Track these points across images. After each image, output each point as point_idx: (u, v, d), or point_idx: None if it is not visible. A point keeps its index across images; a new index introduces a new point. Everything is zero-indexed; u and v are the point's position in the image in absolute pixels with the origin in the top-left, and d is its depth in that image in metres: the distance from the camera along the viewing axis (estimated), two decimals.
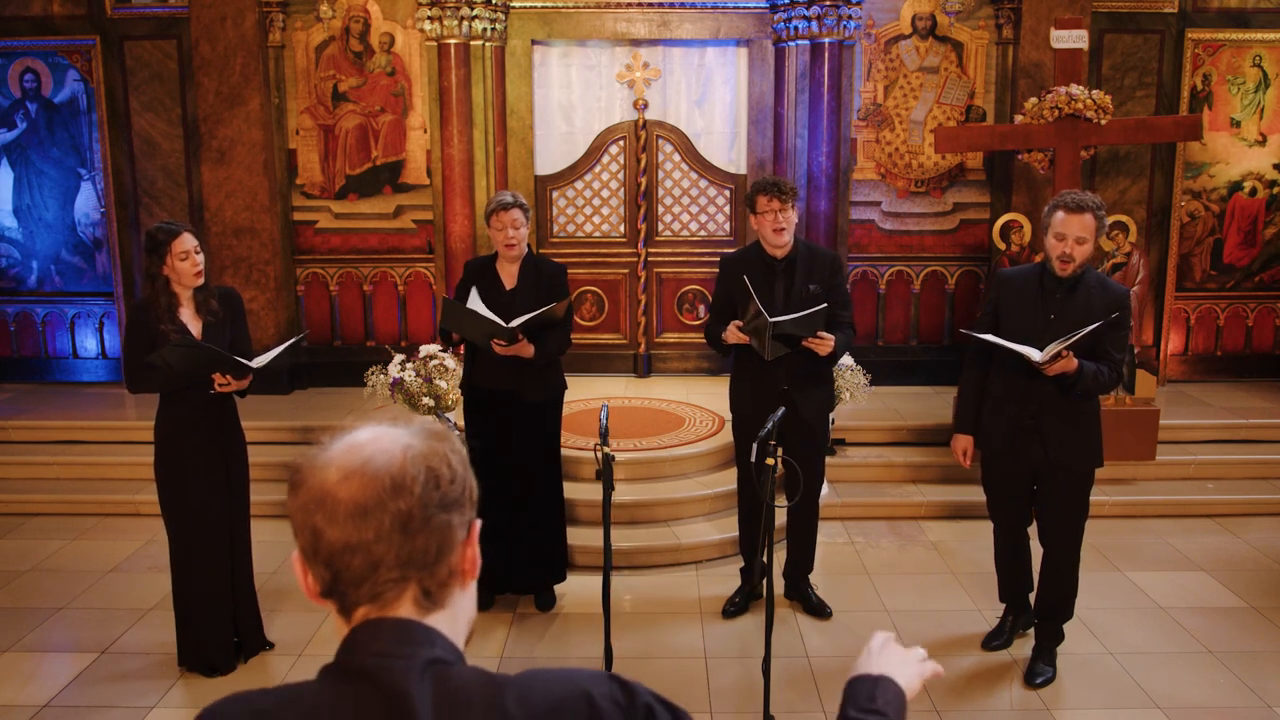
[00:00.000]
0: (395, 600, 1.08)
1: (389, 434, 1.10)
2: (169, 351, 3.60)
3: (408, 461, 1.07)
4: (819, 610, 4.44)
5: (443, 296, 4.11)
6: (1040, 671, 3.90)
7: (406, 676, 1.04)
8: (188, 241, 3.70)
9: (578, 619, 4.44)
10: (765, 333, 3.97)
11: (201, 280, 3.78)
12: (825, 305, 4.02)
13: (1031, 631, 4.10)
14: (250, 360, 3.78)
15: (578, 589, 4.61)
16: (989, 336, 3.78)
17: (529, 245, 4.35)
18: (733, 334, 4.13)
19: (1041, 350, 3.63)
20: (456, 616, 1.13)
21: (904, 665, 1.47)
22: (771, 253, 4.19)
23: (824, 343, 4.03)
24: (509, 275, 4.31)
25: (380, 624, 1.08)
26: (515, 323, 4.02)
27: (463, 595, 1.14)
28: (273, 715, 1.06)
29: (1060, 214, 3.67)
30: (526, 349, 4.13)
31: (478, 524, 1.14)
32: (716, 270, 7.15)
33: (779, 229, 4.11)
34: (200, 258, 3.74)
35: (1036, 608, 4.02)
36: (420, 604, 1.09)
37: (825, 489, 5.37)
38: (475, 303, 4.16)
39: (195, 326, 3.79)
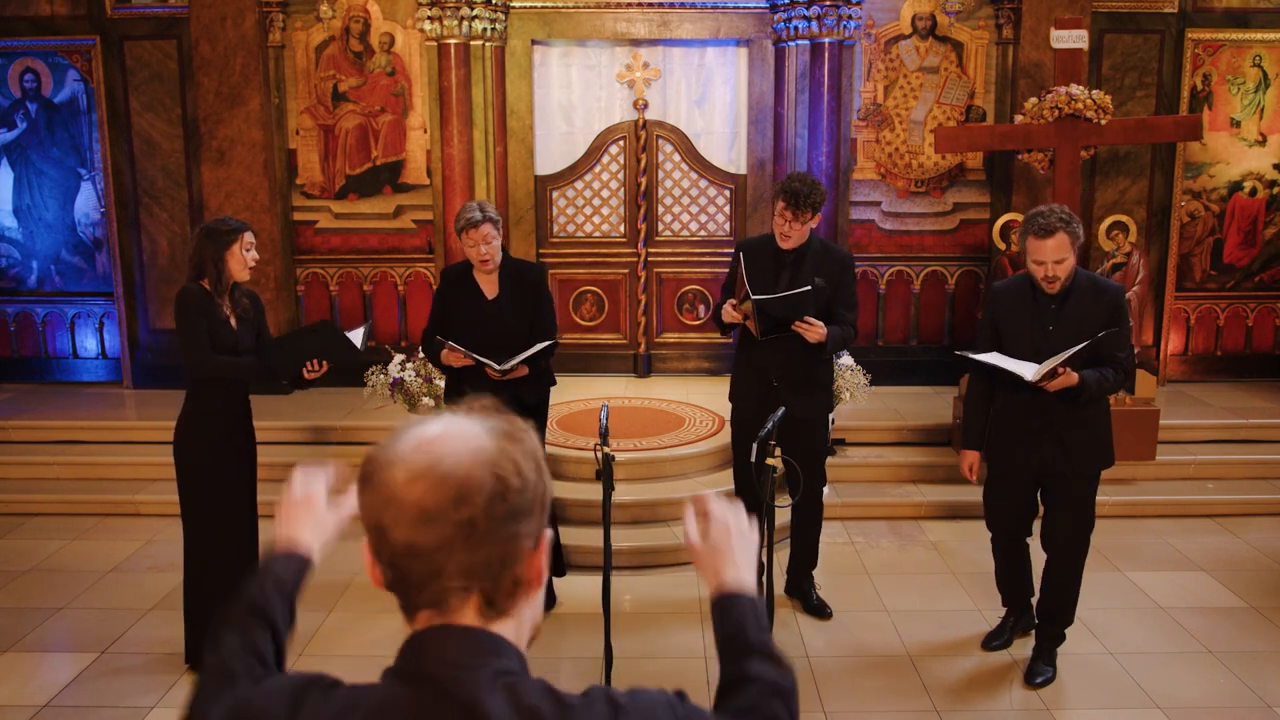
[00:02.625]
0: (459, 608, 1.07)
1: (461, 431, 1.07)
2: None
3: (476, 467, 1.03)
4: (819, 610, 4.44)
5: (439, 339, 4.18)
6: (1040, 671, 3.90)
7: (479, 688, 1.03)
8: (251, 235, 3.92)
9: (578, 619, 4.43)
10: (751, 311, 4.02)
11: (249, 275, 3.95)
12: (810, 289, 4.03)
13: (1032, 632, 4.10)
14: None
15: (578, 589, 4.61)
16: (983, 357, 3.77)
17: (504, 250, 4.33)
18: (727, 311, 4.17)
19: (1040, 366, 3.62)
20: (522, 624, 1.11)
21: (750, 554, 1.38)
22: (782, 244, 4.21)
23: (812, 328, 4.05)
24: (489, 284, 4.28)
25: (447, 632, 1.06)
26: (508, 364, 4.06)
27: (528, 604, 1.12)
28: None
29: (1031, 240, 3.64)
30: (520, 371, 4.15)
31: (548, 534, 1.11)
32: (717, 270, 7.26)
33: (784, 235, 4.16)
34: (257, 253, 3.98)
35: (1038, 610, 4.01)
36: (484, 612, 1.07)
37: (825, 489, 5.38)
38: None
39: (231, 320, 3.88)
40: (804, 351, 4.17)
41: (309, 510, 1.44)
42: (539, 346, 4.08)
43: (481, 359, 4.05)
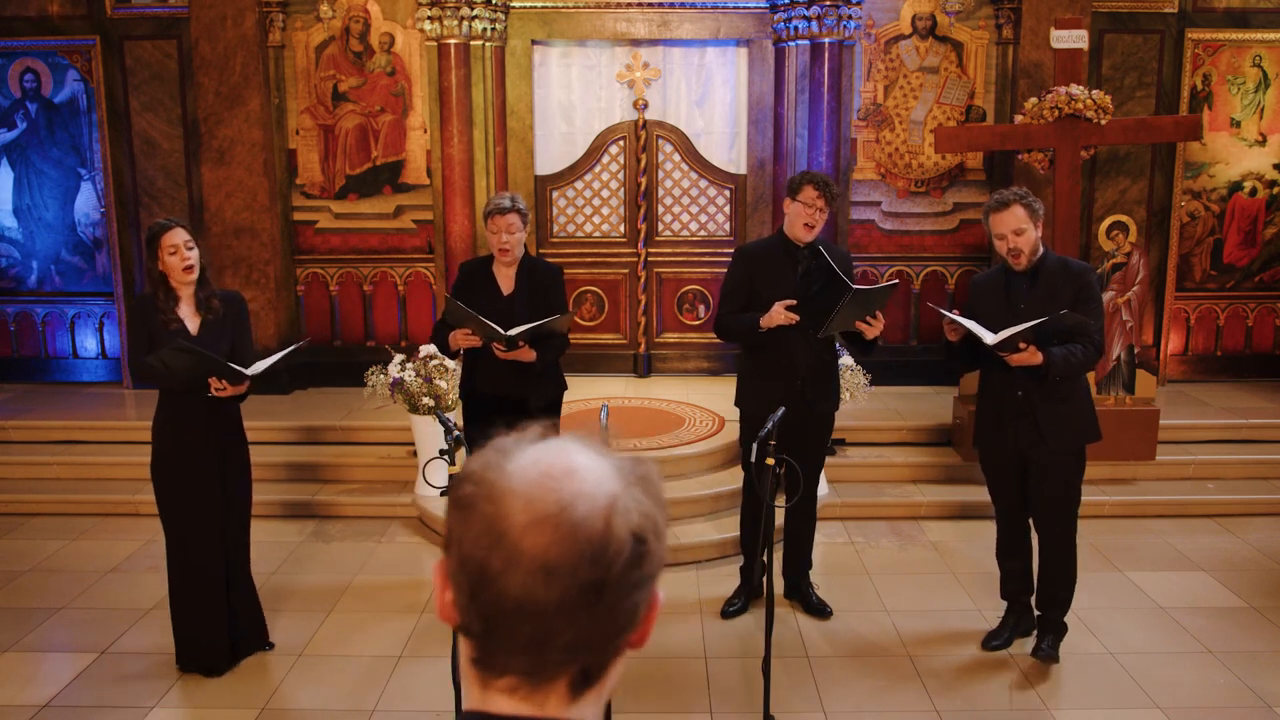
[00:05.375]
0: (552, 680, 0.90)
1: (590, 467, 0.90)
2: (168, 355, 3.62)
3: (615, 523, 0.87)
4: (819, 610, 4.44)
5: (445, 295, 4.10)
6: (1043, 649, 3.95)
7: None
8: (177, 236, 3.72)
9: None
10: (842, 300, 3.89)
11: (192, 276, 3.77)
12: (898, 282, 4.06)
13: (1033, 634, 4.11)
14: (247, 367, 3.77)
15: None
16: (955, 316, 3.85)
17: (525, 246, 4.32)
18: (781, 315, 4.04)
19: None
20: (606, 688, 0.94)
21: None
22: (797, 240, 4.19)
23: (877, 324, 4.06)
24: (505, 279, 4.26)
25: None
26: (514, 331, 3.97)
27: (620, 662, 0.95)
28: None
29: (992, 216, 3.83)
30: (528, 354, 4.07)
31: (660, 596, 0.95)
32: (717, 270, 7.25)
33: (810, 225, 4.14)
34: (192, 254, 3.74)
35: (1037, 599, 4.05)
36: (574, 686, 0.91)
37: (825, 489, 5.38)
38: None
39: (194, 324, 3.79)
40: (825, 349, 4.21)
41: None
42: (546, 320, 4.00)
43: (487, 321, 3.95)
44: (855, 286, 3.91)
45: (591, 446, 0.93)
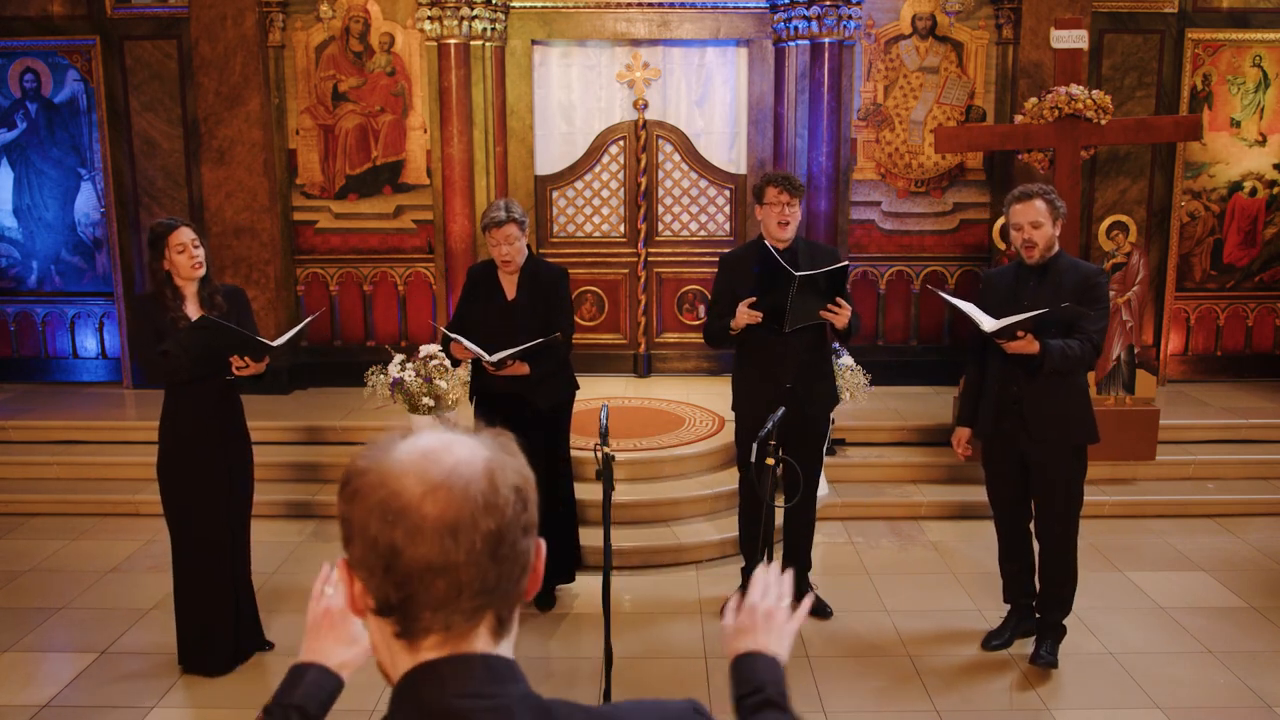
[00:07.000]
0: (471, 631, 1.01)
1: (461, 443, 1.01)
2: (185, 335, 3.63)
3: (497, 478, 0.99)
4: (819, 610, 4.44)
5: (441, 329, 4.21)
6: (1042, 656, 3.93)
7: (511, 718, 0.99)
8: (184, 234, 3.74)
9: (578, 619, 4.44)
10: (790, 290, 3.93)
11: (200, 273, 3.79)
12: (847, 264, 4.10)
13: (1033, 635, 4.11)
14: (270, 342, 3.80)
15: (578, 589, 4.62)
16: (955, 300, 3.88)
17: (529, 247, 4.33)
18: (744, 314, 4.07)
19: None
20: (513, 637, 1.06)
21: (780, 630, 1.39)
22: (774, 245, 4.19)
23: (842, 311, 4.04)
24: (509, 284, 4.31)
25: (466, 661, 1.00)
26: (496, 356, 4.04)
27: (517, 612, 1.08)
28: None
29: (1013, 207, 3.86)
30: (520, 369, 4.13)
31: (543, 545, 1.06)
32: (716, 270, 7.23)
33: (783, 222, 4.15)
34: (199, 252, 3.77)
35: (1038, 600, 4.05)
36: (494, 633, 1.02)
37: (825, 489, 5.38)
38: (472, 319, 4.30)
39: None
40: (811, 349, 4.20)
41: (336, 625, 1.38)
42: (532, 344, 4.05)
43: (474, 348, 4.05)
44: (797, 273, 3.92)
45: (456, 430, 1.05)
